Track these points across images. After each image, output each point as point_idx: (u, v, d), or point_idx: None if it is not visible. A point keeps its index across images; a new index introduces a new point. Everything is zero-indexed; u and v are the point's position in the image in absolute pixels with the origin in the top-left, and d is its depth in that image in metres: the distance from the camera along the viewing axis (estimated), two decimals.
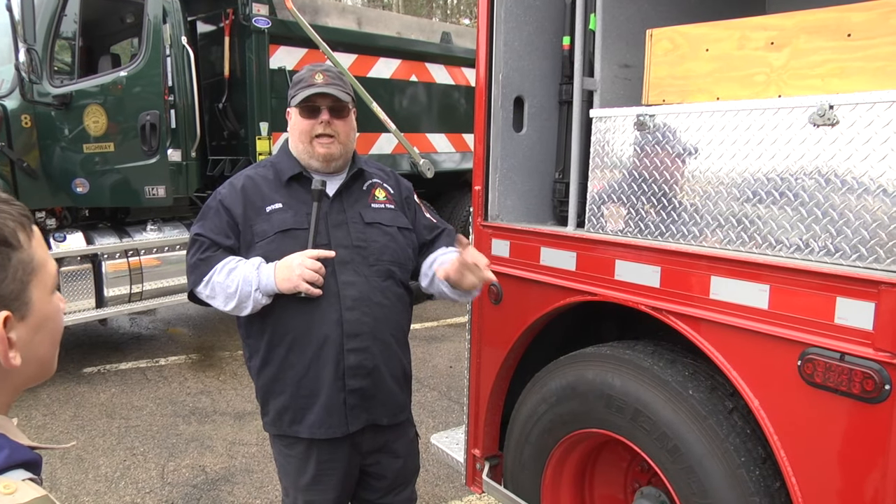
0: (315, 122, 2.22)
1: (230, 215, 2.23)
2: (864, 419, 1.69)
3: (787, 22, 2.04)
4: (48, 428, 4.92)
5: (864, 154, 1.74)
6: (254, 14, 6.60)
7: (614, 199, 2.36)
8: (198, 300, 2.29)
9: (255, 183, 2.28)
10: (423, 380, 5.90)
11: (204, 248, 2.21)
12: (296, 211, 2.21)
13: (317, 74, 2.22)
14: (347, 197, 2.29)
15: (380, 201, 2.34)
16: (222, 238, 2.21)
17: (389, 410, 2.32)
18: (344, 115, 2.26)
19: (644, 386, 2.19)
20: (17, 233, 0.94)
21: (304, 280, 2.07)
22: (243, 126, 6.89)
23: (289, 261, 2.10)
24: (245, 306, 2.15)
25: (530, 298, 2.62)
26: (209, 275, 2.18)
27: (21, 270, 0.94)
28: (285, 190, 2.25)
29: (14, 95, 5.63)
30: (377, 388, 2.25)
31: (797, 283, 1.80)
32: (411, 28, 8.66)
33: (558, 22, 2.80)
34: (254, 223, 2.21)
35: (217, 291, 2.17)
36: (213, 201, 2.29)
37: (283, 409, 2.26)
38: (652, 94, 2.38)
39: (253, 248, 2.20)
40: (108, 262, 6.10)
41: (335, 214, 2.24)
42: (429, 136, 8.42)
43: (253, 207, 2.23)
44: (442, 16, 33.87)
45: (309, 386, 2.21)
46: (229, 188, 2.29)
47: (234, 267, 2.15)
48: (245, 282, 2.11)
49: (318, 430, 2.23)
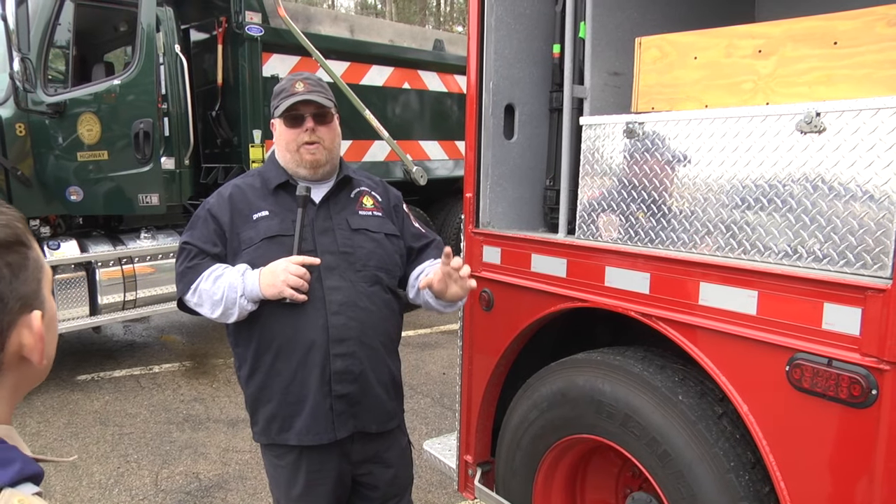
0: (300, 131, 2.23)
1: (217, 223, 2.24)
2: (851, 424, 1.70)
3: (775, 30, 2.06)
4: (42, 435, 4.90)
5: (851, 161, 1.76)
6: (247, 22, 6.62)
7: (604, 206, 2.38)
8: (187, 309, 2.29)
9: (243, 191, 2.29)
10: (416, 386, 5.90)
11: (192, 257, 2.22)
12: (282, 218, 2.22)
13: (297, 83, 2.24)
14: (334, 204, 2.30)
15: (367, 209, 2.35)
16: (209, 246, 2.23)
17: (377, 417, 2.31)
18: (328, 120, 2.27)
19: (634, 391, 2.20)
20: (26, 233, 0.96)
21: (289, 286, 2.07)
22: (236, 134, 6.90)
23: (273, 267, 2.11)
24: (231, 313, 2.15)
25: (521, 305, 2.63)
26: (196, 282, 2.19)
27: (36, 269, 0.95)
28: (272, 198, 2.27)
29: (8, 104, 5.63)
30: (364, 393, 2.24)
31: (785, 289, 1.82)
32: (404, 36, 8.67)
33: (548, 30, 2.82)
34: (240, 230, 2.23)
35: (204, 299, 2.17)
36: (202, 210, 2.30)
37: (271, 418, 2.26)
38: (641, 102, 2.40)
39: (239, 254, 2.21)
40: (101, 270, 6.10)
41: (321, 221, 2.25)
42: (421, 143, 8.43)
43: (240, 215, 2.24)
44: (435, 23, 33.97)
45: (296, 392, 2.21)
46: (217, 197, 2.31)
47: (220, 274, 2.17)
48: (230, 288, 2.12)
49: (305, 436, 2.22)
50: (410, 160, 7.75)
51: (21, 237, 0.93)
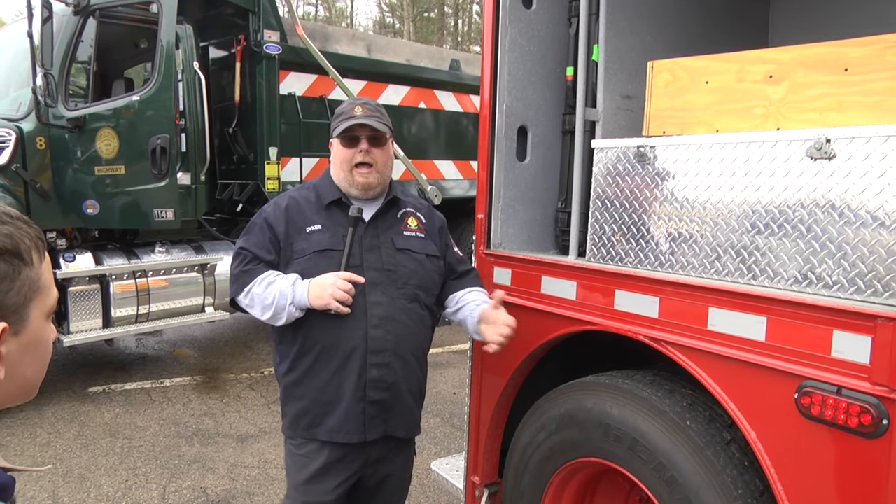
0: (355, 151, 2.37)
1: (273, 232, 2.39)
2: (861, 454, 1.68)
3: (786, 56, 2.06)
4: (52, 446, 4.92)
5: (862, 187, 1.76)
6: (265, 40, 6.70)
7: (615, 229, 2.38)
8: (238, 307, 2.44)
9: (299, 204, 2.43)
10: (426, 406, 5.82)
11: (247, 261, 2.38)
12: (333, 233, 2.36)
13: (357, 107, 2.38)
14: (382, 223, 2.43)
15: (412, 229, 2.48)
16: (264, 253, 2.38)
17: (406, 424, 2.47)
18: (382, 144, 2.41)
19: (642, 416, 2.19)
20: (31, 251, 0.97)
21: (335, 299, 2.21)
22: (252, 150, 6.96)
23: (322, 280, 2.25)
24: (280, 317, 2.30)
25: (531, 327, 2.63)
26: (250, 286, 2.34)
27: (27, 287, 0.96)
28: (325, 212, 2.41)
29: (30, 118, 5.72)
30: (395, 401, 2.38)
31: (794, 316, 1.80)
32: (421, 55, 8.74)
33: (562, 53, 2.83)
34: (294, 241, 2.37)
35: (255, 302, 2.32)
36: (259, 218, 2.45)
37: (301, 413, 2.39)
38: (652, 126, 2.40)
39: (291, 264, 2.35)
40: (115, 283, 6.14)
41: (369, 239, 2.38)
42: (437, 162, 8.47)
43: (294, 227, 2.38)
44: (452, 43, 34.17)
45: (330, 393, 2.33)
46: (274, 207, 2.45)
47: (272, 281, 2.31)
48: (281, 295, 2.26)
49: (336, 434, 2.35)
50: (425, 179, 7.78)
51: (20, 251, 0.95)
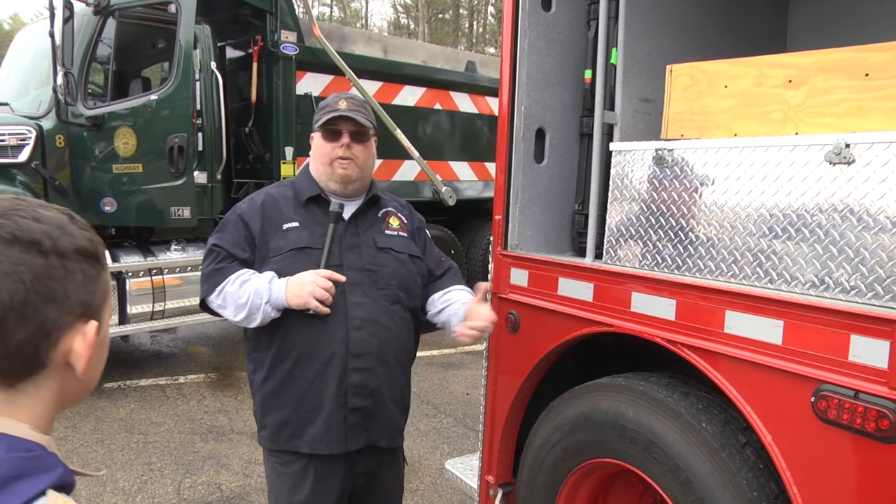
0: (336, 145, 2.29)
1: (248, 229, 2.29)
2: (878, 458, 1.68)
3: (805, 60, 2.07)
4: (69, 440, 4.98)
5: (881, 193, 1.76)
6: (282, 41, 6.75)
7: (632, 232, 2.39)
8: (208, 309, 2.34)
9: (275, 200, 2.35)
10: (439, 406, 5.89)
11: (220, 259, 2.27)
12: (311, 231, 2.28)
13: (341, 101, 2.31)
14: (362, 221, 2.36)
15: (393, 228, 2.41)
16: (238, 251, 2.28)
17: (389, 432, 2.36)
18: (364, 140, 2.33)
19: (657, 417, 2.20)
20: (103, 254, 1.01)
21: (315, 297, 2.12)
22: (268, 150, 7.01)
23: (301, 277, 2.16)
24: (254, 318, 2.20)
25: (547, 328, 2.64)
26: (222, 285, 2.23)
27: (104, 288, 0.99)
28: (303, 210, 2.32)
29: (50, 116, 5.80)
30: (378, 408, 2.29)
31: (811, 320, 1.81)
32: (436, 57, 8.76)
33: (580, 55, 2.84)
34: (270, 239, 2.28)
35: (228, 301, 2.22)
36: (233, 215, 2.35)
37: (282, 424, 2.29)
38: (671, 129, 2.41)
39: (267, 262, 2.26)
40: (131, 280, 6.20)
41: (349, 237, 2.31)
42: (451, 163, 8.48)
43: (270, 224, 2.29)
44: (467, 44, 34.19)
45: (311, 402, 2.24)
46: (249, 203, 2.36)
47: (246, 279, 2.22)
48: (256, 294, 2.17)
49: (318, 445, 2.25)
50: (440, 180, 7.80)
51: (100, 256, 0.98)
